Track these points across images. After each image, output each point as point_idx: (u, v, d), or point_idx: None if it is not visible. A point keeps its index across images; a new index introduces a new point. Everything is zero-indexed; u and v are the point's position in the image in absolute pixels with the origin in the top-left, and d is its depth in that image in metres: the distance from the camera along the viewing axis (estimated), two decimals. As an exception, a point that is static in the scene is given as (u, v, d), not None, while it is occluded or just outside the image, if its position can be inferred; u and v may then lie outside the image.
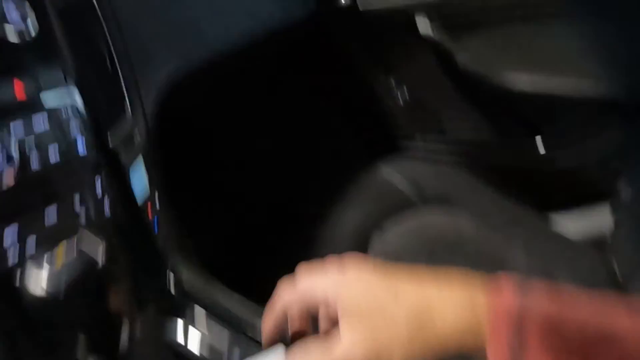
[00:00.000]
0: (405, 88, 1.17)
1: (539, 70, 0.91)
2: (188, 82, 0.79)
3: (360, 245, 0.74)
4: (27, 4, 0.47)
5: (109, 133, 0.55)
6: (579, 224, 0.89)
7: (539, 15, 0.88)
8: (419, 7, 0.98)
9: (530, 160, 1.03)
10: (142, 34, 0.69)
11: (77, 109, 0.51)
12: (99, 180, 0.51)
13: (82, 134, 0.51)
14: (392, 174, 0.86)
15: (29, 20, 0.47)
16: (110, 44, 0.60)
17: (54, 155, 0.47)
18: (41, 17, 0.48)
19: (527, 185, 0.97)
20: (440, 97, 1.12)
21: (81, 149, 0.50)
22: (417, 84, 1.15)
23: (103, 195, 0.52)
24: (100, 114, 0.55)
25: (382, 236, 0.74)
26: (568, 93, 0.89)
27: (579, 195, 0.94)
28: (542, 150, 1.01)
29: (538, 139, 1.01)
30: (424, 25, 0.99)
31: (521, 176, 1.00)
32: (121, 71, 0.61)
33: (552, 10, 0.86)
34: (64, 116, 0.49)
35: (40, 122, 0.47)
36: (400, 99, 1.17)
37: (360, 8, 1.05)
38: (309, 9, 1.02)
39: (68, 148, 0.49)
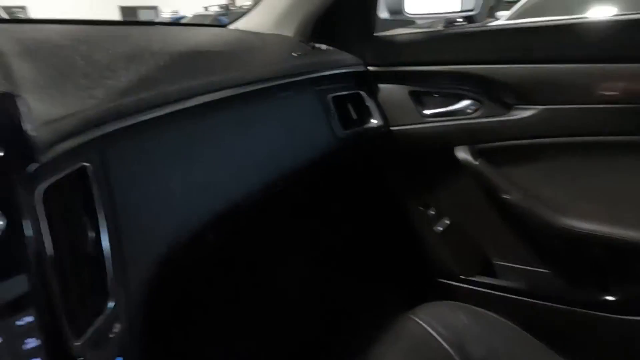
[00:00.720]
0: (444, 219, 1.05)
1: (610, 212, 0.78)
2: (193, 248, 0.66)
3: None
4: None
5: (76, 343, 0.44)
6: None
7: (603, 148, 0.79)
8: (455, 131, 0.90)
9: (599, 317, 0.86)
10: (141, 200, 0.58)
11: (39, 320, 0.41)
12: None
13: (38, 355, 0.39)
14: (429, 327, 0.72)
15: None
16: (99, 220, 0.50)
17: None
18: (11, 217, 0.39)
19: (597, 349, 0.80)
20: (486, 232, 1.00)
21: None
22: (458, 215, 1.04)
23: None
24: (71, 318, 0.45)
25: None
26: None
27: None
28: (613, 307, 0.85)
29: (608, 291, 0.85)
30: (462, 149, 0.91)
31: (589, 338, 0.83)
32: (109, 252, 0.51)
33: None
34: (18, 334, 0.39)
35: None
36: (439, 232, 1.05)
37: (392, 128, 0.98)
38: (335, 137, 0.93)
39: None
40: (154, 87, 0.62)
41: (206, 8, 13.54)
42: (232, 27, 1.08)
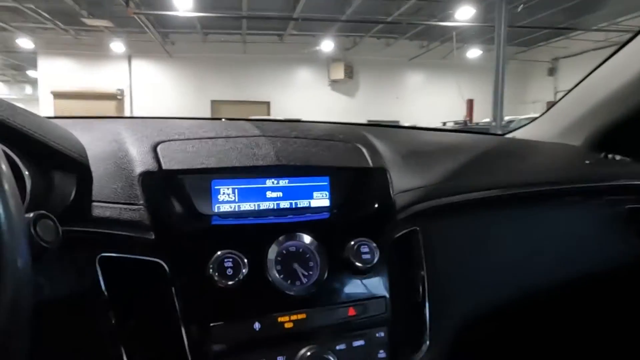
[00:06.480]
0: None
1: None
2: (487, 314, 0.75)
3: None
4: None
5: None
6: None
7: None
8: None
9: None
10: (448, 262, 0.70)
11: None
12: None
13: None
14: None
15: None
16: (422, 272, 0.65)
17: None
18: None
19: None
20: None
21: None
22: None
23: None
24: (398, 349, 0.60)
25: None
26: None
27: None
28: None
29: None
30: None
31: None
32: (427, 301, 0.65)
33: None
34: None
35: None
36: None
37: None
38: (632, 249, 0.85)
39: None
40: (456, 179, 0.73)
41: (444, 123, 14.10)
42: (509, 136, 1.12)
